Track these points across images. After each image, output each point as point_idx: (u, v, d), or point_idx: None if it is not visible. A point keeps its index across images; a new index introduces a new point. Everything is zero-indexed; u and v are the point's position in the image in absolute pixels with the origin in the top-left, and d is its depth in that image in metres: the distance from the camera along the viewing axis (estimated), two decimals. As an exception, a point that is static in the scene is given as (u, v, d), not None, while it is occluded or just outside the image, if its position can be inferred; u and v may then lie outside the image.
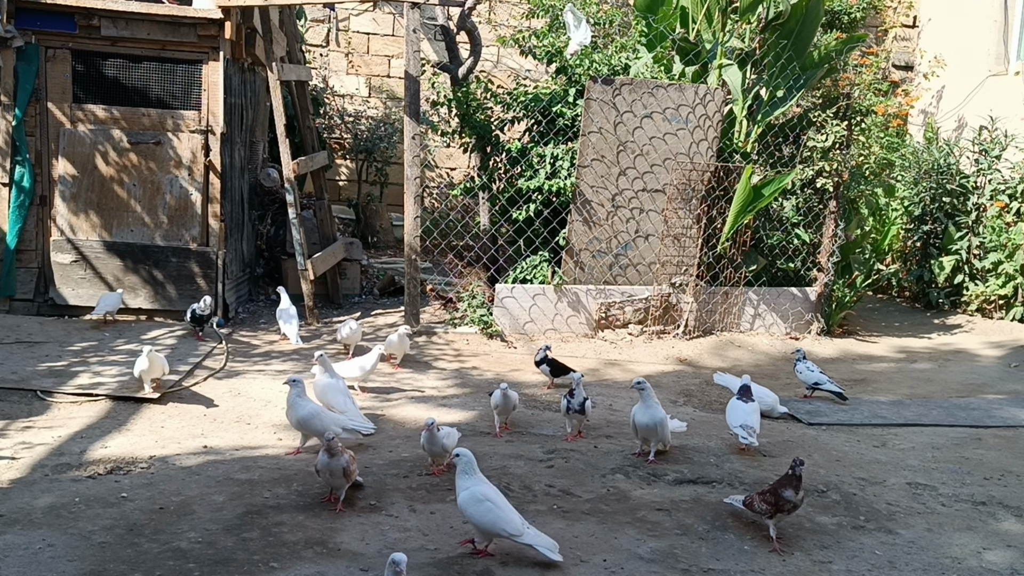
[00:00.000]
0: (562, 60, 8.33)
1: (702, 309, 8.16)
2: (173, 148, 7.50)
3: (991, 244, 9.31)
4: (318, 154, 9.15)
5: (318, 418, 4.64)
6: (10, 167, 7.30)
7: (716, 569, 3.60)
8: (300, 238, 7.88)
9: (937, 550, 3.87)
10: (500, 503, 3.56)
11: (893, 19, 12.94)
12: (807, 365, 6.32)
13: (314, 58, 12.01)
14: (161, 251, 7.51)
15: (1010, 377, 7.27)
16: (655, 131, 7.86)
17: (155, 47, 7.42)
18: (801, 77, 8.26)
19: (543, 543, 3.50)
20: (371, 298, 9.26)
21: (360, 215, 11.61)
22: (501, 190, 8.26)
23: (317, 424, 4.62)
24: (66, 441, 4.80)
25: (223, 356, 6.63)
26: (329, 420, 4.70)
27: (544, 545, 3.50)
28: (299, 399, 4.66)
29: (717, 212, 8.13)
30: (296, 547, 3.59)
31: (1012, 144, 9.68)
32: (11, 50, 7.19)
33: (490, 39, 11.59)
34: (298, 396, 4.66)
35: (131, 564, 3.39)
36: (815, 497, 4.39)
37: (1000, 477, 4.83)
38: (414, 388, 6.20)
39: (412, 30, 7.64)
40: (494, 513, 3.50)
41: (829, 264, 8.36)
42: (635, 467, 4.69)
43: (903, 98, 12.26)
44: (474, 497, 3.54)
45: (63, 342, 6.66)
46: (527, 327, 7.83)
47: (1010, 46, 11.33)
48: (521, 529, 3.50)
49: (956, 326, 9.11)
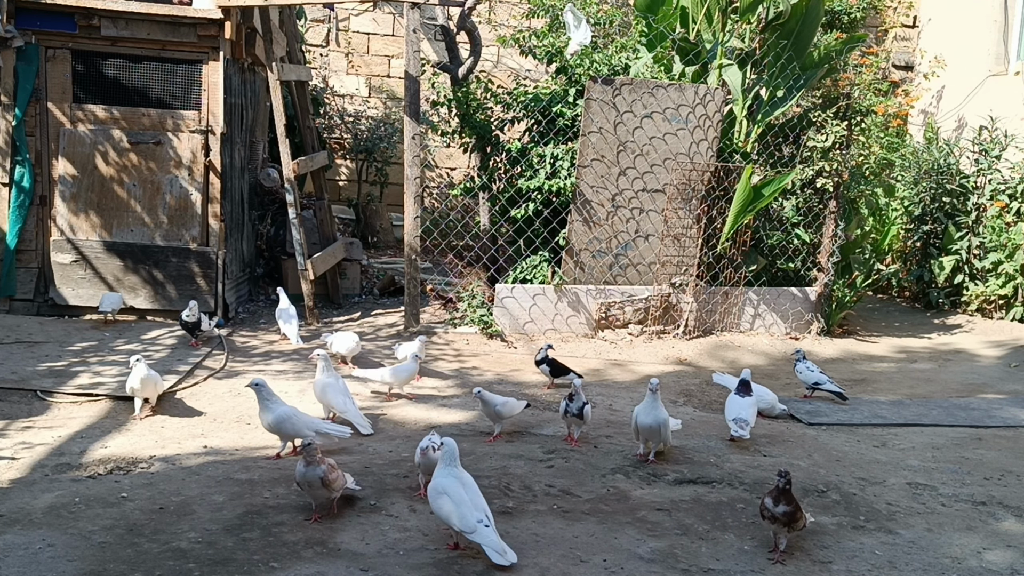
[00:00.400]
0: (562, 60, 8.34)
1: (702, 309, 8.16)
2: (173, 148, 7.50)
3: (991, 244, 9.31)
4: (318, 154, 9.15)
5: (291, 421, 4.54)
6: (10, 167, 7.30)
7: (716, 569, 3.60)
8: (300, 238, 7.88)
9: (937, 550, 3.87)
10: (457, 497, 3.53)
11: (893, 19, 12.94)
12: (807, 365, 6.32)
13: (314, 58, 12.01)
14: (161, 251, 7.51)
15: (1010, 377, 7.27)
16: (655, 131, 7.86)
17: (155, 47, 7.42)
18: (801, 77, 8.26)
19: (493, 545, 3.44)
20: (371, 298, 9.26)
21: (360, 215, 11.61)
22: (501, 190, 8.26)
23: (290, 427, 4.54)
24: (66, 441, 4.80)
25: (223, 356, 6.63)
26: (303, 423, 4.58)
27: (493, 547, 3.44)
28: (268, 402, 4.56)
29: (717, 212, 8.13)
30: (296, 547, 3.59)
31: (1012, 144, 9.68)
32: (11, 50, 7.19)
33: (490, 39, 11.59)
34: (266, 399, 4.56)
35: (131, 564, 3.39)
36: (815, 497, 4.39)
37: (1000, 477, 4.83)
38: (414, 388, 6.20)
39: (412, 30, 7.64)
40: (448, 507, 3.52)
41: (829, 264, 8.36)
42: (635, 467, 4.69)
43: (903, 98, 12.26)
44: (435, 489, 3.59)
45: (63, 342, 6.66)
46: (527, 327, 7.83)
47: (1010, 46, 11.33)
48: (473, 527, 3.46)
49: (956, 326, 9.11)
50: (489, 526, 3.49)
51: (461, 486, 3.59)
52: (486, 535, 3.46)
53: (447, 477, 3.61)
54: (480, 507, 3.55)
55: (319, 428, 4.59)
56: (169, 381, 5.82)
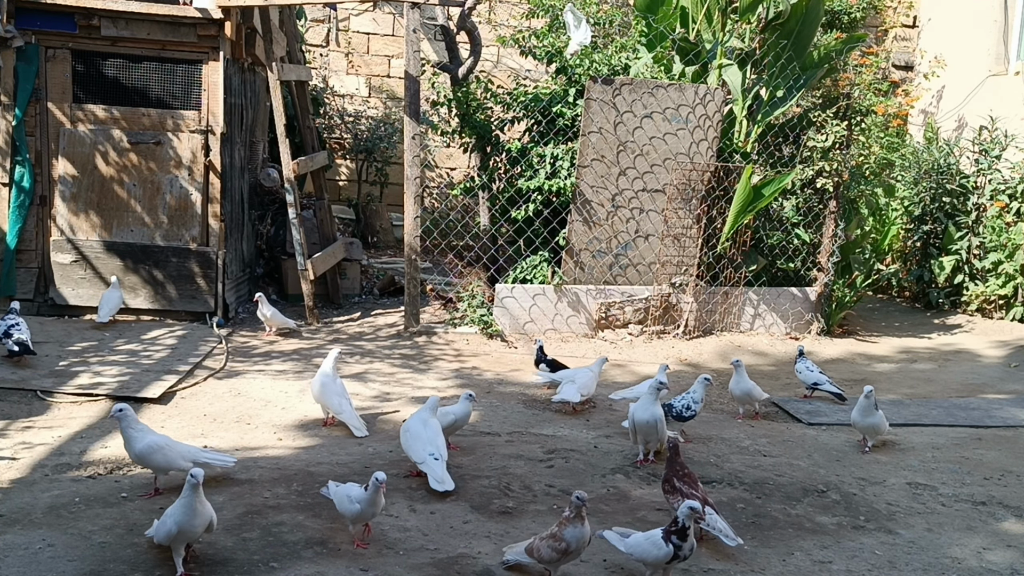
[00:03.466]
0: (562, 60, 8.33)
1: (702, 309, 8.16)
2: (173, 148, 7.50)
3: (991, 244, 9.31)
4: (318, 154, 9.15)
5: (162, 452, 4.01)
6: (10, 167, 7.30)
7: (716, 569, 3.60)
8: (300, 238, 7.88)
9: (937, 550, 3.87)
10: (416, 434, 4.29)
11: (893, 19, 12.94)
12: (807, 365, 6.31)
13: (314, 58, 12.01)
14: (161, 251, 7.51)
15: (1010, 377, 7.27)
16: (655, 131, 7.86)
17: (155, 47, 7.42)
18: (801, 77, 8.26)
19: (434, 474, 4.13)
20: (371, 298, 9.26)
21: (360, 215, 11.61)
22: (501, 190, 8.26)
23: (160, 458, 4.00)
24: (66, 441, 4.80)
25: (223, 356, 6.63)
26: (177, 453, 4.05)
27: (434, 476, 4.12)
28: (132, 431, 4.02)
29: (717, 212, 8.13)
30: (296, 547, 3.59)
31: (1012, 144, 9.67)
32: (11, 50, 7.19)
33: (490, 39, 11.59)
34: (130, 428, 4.02)
35: (131, 564, 3.39)
36: (815, 497, 4.40)
37: (1000, 477, 4.83)
38: (414, 388, 6.20)
39: (412, 30, 7.64)
40: (407, 440, 4.31)
41: (829, 264, 8.36)
42: (635, 467, 4.69)
43: (903, 98, 12.26)
44: (404, 427, 4.37)
45: (63, 342, 6.66)
46: (527, 327, 7.83)
47: (1010, 46, 11.33)
48: (424, 458, 4.19)
49: (956, 326, 9.11)
50: (439, 459, 4.20)
51: (423, 427, 4.33)
52: (432, 466, 4.16)
53: (416, 419, 4.38)
54: (435, 444, 4.25)
55: (197, 458, 4.09)
56: (169, 381, 5.82)
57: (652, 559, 3.33)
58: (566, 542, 3.28)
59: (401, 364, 6.79)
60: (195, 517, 3.31)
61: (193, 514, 3.31)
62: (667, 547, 3.29)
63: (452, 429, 4.76)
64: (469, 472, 4.48)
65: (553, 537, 3.31)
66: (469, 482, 4.34)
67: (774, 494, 4.41)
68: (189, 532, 3.32)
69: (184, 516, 3.30)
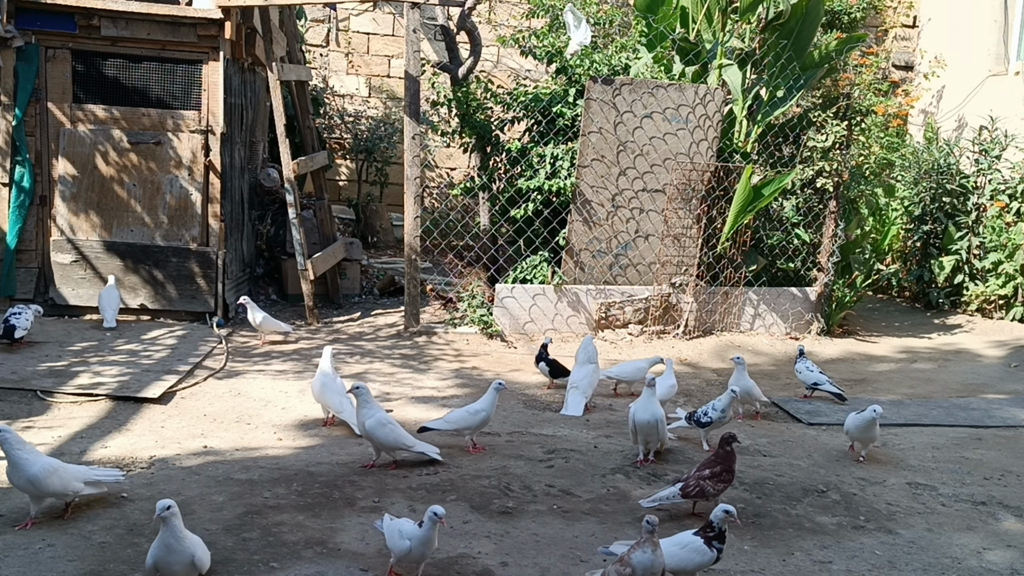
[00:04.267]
0: (562, 60, 8.34)
1: (702, 309, 8.16)
2: (173, 148, 7.50)
3: (991, 244, 9.31)
4: (318, 154, 9.16)
5: (56, 475, 3.69)
6: (10, 167, 7.30)
7: (716, 569, 3.60)
8: (300, 238, 7.88)
9: (937, 550, 3.87)
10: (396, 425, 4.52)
11: (893, 19, 12.94)
12: (807, 365, 6.30)
13: (314, 58, 12.01)
14: (161, 251, 7.51)
15: (1010, 377, 7.27)
16: (655, 131, 7.86)
17: (155, 47, 7.42)
18: (801, 77, 8.26)
19: (427, 449, 4.54)
20: (371, 298, 9.26)
21: (360, 215, 11.61)
22: (501, 190, 8.26)
23: (56, 482, 3.68)
24: (66, 441, 4.80)
25: (223, 356, 6.63)
26: (70, 476, 3.76)
27: (427, 451, 4.54)
28: (19, 452, 3.67)
29: (717, 212, 8.13)
30: (296, 547, 3.59)
31: (1012, 144, 9.68)
32: (11, 50, 7.19)
33: (490, 39, 11.59)
34: (17, 449, 3.67)
35: (131, 564, 3.39)
36: (815, 497, 4.40)
37: (1000, 477, 4.83)
38: (414, 388, 6.20)
39: (412, 30, 7.64)
40: (396, 432, 4.46)
41: (829, 264, 8.36)
42: (635, 467, 4.69)
43: (903, 98, 12.26)
44: (378, 422, 4.43)
45: (63, 342, 6.66)
46: (527, 327, 7.83)
47: (1010, 46, 11.33)
48: (414, 442, 4.52)
49: (956, 326, 9.11)
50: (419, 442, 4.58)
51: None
52: (425, 445, 4.56)
53: (379, 414, 4.48)
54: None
55: (87, 478, 3.85)
56: (169, 381, 5.82)
57: (695, 566, 3.33)
58: (632, 567, 3.12)
59: (401, 364, 6.79)
60: (170, 554, 3.12)
61: (167, 550, 3.12)
62: (711, 552, 3.32)
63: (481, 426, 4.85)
64: (469, 472, 4.48)
65: (621, 562, 3.18)
66: (469, 482, 4.34)
67: (774, 494, 4.41)
68: (166, 569, 3.14)
69: (158, 551, 3.14)
